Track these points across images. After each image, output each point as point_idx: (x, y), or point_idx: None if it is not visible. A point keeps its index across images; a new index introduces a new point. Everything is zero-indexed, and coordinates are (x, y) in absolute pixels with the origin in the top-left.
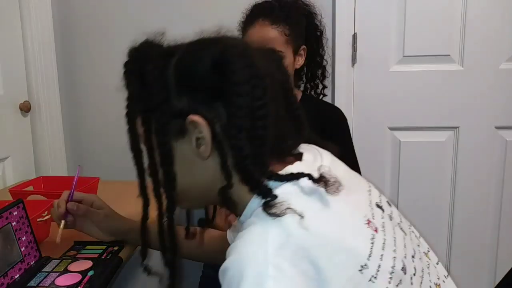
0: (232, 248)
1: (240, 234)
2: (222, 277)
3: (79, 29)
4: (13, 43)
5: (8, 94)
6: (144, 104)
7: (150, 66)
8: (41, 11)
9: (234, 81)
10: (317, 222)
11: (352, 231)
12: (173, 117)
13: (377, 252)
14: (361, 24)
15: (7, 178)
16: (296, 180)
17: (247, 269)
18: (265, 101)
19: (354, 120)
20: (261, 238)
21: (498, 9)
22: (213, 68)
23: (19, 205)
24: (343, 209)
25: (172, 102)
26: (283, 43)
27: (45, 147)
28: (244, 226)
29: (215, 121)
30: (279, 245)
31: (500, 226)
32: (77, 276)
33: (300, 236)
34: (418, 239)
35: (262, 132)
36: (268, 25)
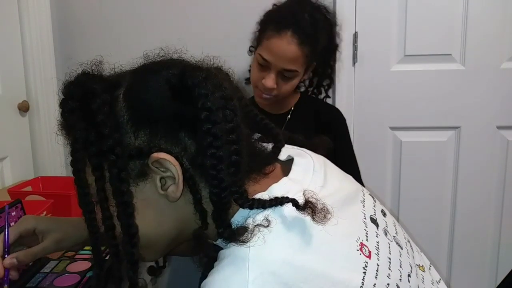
0: (208, 283)
1: (215, 269)
2: None
3: (77, 29)
4: (12, 43)
5: (7, 94)
6: (93, 149)
7: (96, 102)
8: (39, 10)
9: (205, 107)
10: (302, 257)
11: (342, 262)
12: (131, 159)
13: (369, 281)
14: (362, 23)
15: (5, 178)
16: (280, 205)
17: None
18: (237, 123)
19: (355, 119)
20: (240, 277)
21: (499, 9)
22: (173, 94)
23: (17, 205)
24: (331, 240)
25: (128, 141)
26: (301, 63)
27: (44, 147)
28: (220, 256)
29: (183, 155)
30: (261, 283)
31: (501, 226)
32: (75, 277)
33: (283, 272)
34: (411, 247)
35: (237, 157)
36: (296, 44)
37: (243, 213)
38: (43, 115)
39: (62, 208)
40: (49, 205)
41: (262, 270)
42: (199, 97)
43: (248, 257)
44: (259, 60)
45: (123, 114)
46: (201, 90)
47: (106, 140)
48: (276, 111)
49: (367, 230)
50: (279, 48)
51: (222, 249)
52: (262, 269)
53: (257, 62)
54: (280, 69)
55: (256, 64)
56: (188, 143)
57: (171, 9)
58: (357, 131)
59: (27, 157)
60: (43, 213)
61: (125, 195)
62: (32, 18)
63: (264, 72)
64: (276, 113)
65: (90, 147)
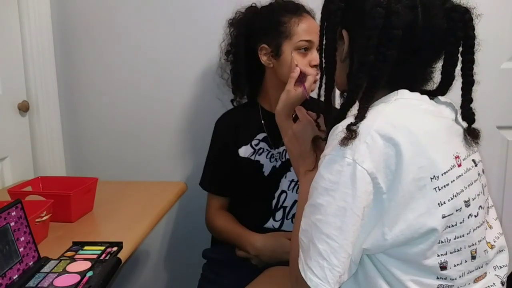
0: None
1: None
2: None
3: (78, 29)
4: (12, 43)
5: (7, 94)
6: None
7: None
8: (40, 10)
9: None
10: (417, 127)
11: (439, 150)
12: (337, 26)
13: (451, 176)
14: None
15: (5, 178)
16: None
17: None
18: (398, 32)
19: None
20: (374, 115)
21: (499, 9)
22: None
23: (17, 205)
24: (442, 135)
25: (339, 18)
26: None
27: (44, 147)
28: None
29: (353, 39)
30: (381, 126)
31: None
32: (75, 277)
33: (399, 129)
34: (488, 201)
35: (384, 56)
36: (312, 19)
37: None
38: (43, 115)
39: (62, 208)
40: (49, 205)
41: (386, 120)
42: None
43: (384, 110)
44: (302, 45)
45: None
46: (395, 5)
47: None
48: None
49: (466, 157)
50: (312, 25)
51: None
52: (386, 119)
53: (297, 51)
54: (317, 44)
55: (297, 54)
56: (357, 34)
57: (171, 9)
58: None
59: (27, 157)
60: (43, 213)
61: (332, 44)
62: (32, 18)
63: (306, 56)
64: None
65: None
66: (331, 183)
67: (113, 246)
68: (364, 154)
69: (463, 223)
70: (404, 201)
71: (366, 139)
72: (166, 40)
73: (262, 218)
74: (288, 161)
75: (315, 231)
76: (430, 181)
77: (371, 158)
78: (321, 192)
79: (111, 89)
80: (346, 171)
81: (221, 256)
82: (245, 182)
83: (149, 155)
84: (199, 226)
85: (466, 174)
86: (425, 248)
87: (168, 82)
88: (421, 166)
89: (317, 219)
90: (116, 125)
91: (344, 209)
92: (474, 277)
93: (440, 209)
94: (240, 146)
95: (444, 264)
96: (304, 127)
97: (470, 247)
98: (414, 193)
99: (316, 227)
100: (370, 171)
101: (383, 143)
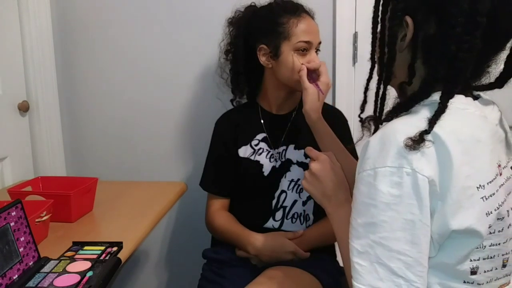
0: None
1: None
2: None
3: (77, 29)
4: (12, 43)
5: (7, 94)
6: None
7: None
8: (39, 10)
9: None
10: (466, 134)
11: (486, 158)
12: (402, 12)
13: (496, 185)
14: (362, 23)
15: (5, 178)
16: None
17: (408, 127)
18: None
19: (355, 120)
20: (424, 117)
21: None
22: None
23: (17, 206)
24: (488, 142)
25: (404, 3)
26: None
27: (44, 147)
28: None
29: (421, 29)
30: (433, 133)
31: None
32: (75, 277)
33: (449, 136)
34: None
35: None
36: (312, 19)
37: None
38: (43, 115)
39: (62, 208)
40: (49, 205)
41: (438, 126)
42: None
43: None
44: (301, 46)
45: None
46: None
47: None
48: (281, 112)
49: (506, 165)
50: (311, 26)
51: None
52: (438, 126)
53: (296, 52)
54: (316, 45)
55: (296, 55)
56: (431, 25)
57: (171, 9)
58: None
59: (27, 157)
60: (43, 213)
61: (393, 31)
62: (32, 18)
63: (305, 57)
64: (281, 113)
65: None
66: (393, 197)
67: (113, 246)
68: (421, 161)
69: (501, 232)
70: (452, 210)
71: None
72: (166, 40)
73: (262, 218)
74: (287, 161)
75: (381, 251)
76: (477, 190)
77: (428, 165)
78: (382, 208)
79: (110, 89)
80: (407, 181)
81: (221, 256)
82: (244, 182)
83: (149, 155)
84: (199, 226)
85: (506, 183)
86: (464, 254)
87: (168, 82)
88: (468, 175)
89: (382, 237)
90: (116, 125)
91: (412, 221)
92: (499, 284)
93: (488, 219)
94: (239, 146)
95: (475, 270)
96: (322, 165)
97: (503, 256)
98: (462, 202)
99: (382, 246)
100: (430, 178)
101: (435, 150)
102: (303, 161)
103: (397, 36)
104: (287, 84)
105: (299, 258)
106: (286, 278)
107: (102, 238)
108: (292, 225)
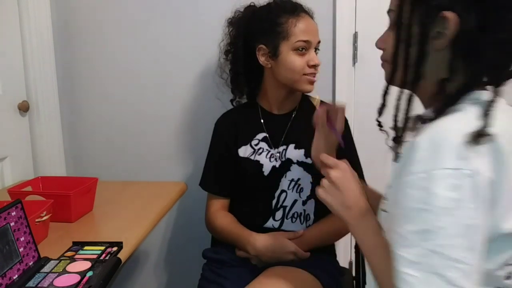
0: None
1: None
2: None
3: (77, 29)
4: (12, 43)
5: (7, 94)
6: None
7: None
8: (39, 10)
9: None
10: (510, 132)
11: None
12: (437, 9)
13: None
14: (362, 23)
15: (5, 178)
16: None
17: (460, 126)
18: None
19: (355, 120)
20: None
21: None
22: None
23: (17, 206)
24: None
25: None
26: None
27: (44, 147)
28: (446, 113)
29: (465, 23)
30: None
31: None
32: (75, 277)
33: (503, 136)
34: None
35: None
36: (311, 19)
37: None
38: (43, 115)
39: (62, 208)
40: (49, 205)
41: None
42: None
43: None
44: (299, 46)
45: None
46: None
47: None
48: (281, 112)
49: None
50: (309, 25)
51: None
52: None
53: (295, 51)
54: (315, 44)
55: (295, 55)
56: (473, 18)
57: (170, 8)
58: (357, 131)
59: (27, 157)
60: (43, 213)
61: (426, 28)
62: (32, 18)
63: (304, 56)
64: (281, 113)
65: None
66: (451, 201)
67: (113, 246)
68: (480, 161)
69: None
70: (504, 213)
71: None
72: (166, 40)
73: (262, 217)
74: (288, 160)
75: (437, 260)
76: None
77: (487, 165)
78: (439, 213)
79: (110, 89)
80: (466, 184)
81: (221, 256)
82: (245, 182)
83: (149, 155)
84: (199, 226)
85: None
86: (506, 258)
87: (168, 82)
88: None
89: (438, 245)
90: (116, 125)
91: (472, 226)
92: None
93: None
94: (239, 146)
95: (510, 275)
96: (343, 173)
97: None
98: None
99: (438, 254)
100: (490, 179)
101: (490, 149)
102: (303, 160)
103: (430, 35)
104: (286, 84)
105: (299, 258)
106: (286, 278)
107: (102, 238)
108: (292, 224)
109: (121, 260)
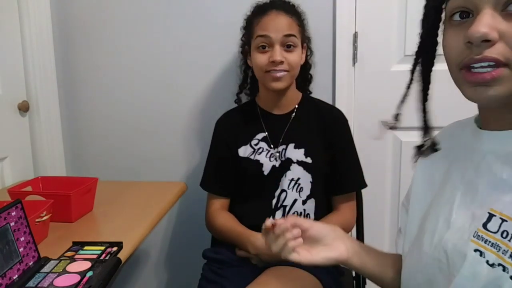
0: None
1: None
2: None
3: (78, 29)
4: (12, 43)
5: (7, 94)
6: None
7: None
8: (40, 10)
9: None
10: None
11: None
12: None
13: None
14: (361, 23)
15: (5, 178)
16: None
17: None
18: None
19: (354, 119)
20: None
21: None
22: None
23: (17, 206)
24: None
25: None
26: (297, 31)
27: (44, 147)
28: None
29: None
30: None
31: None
32: (75, 277)
33: None
34: None
35: None
36: (283, 14)
37: None
38: (43, 115)
39: (62, 208)
40: (49, 205)
41: None
42: None
43: None
44: (259, 42)
45: None
46: None
47: None
48: (279, 112)
49: None
50: (272, 21)
51: None
52: None
53: (257, 48)
54: (280, 39)
55: (257, 51)
56: None
57: (170, 9)
58: (357, 131)
59: (27, 157)
60: (43, 213)
61: None
62: (32, 18)
63: (267, 53)
64: (280, 113)
65: None
66: None
67: (113, 246)
68: None
69: None
70: None
71: None
72: (166, 41)
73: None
74: (287, 160)
75: None
76: None
77: None
78: None
79: (110, 90)
80: None
81: (221, 256)
82: (245, 181)
83: (149, 155)
84: (199, 226)
85: None
86: None
87: (167, 82)
88: None
89: None
90: (116, 125)
91: None
92: None
93: None
94: (239, 146)
95: None
96: None
97: None
98: None
99: None
100: None
101: None
102: (303, 160)
103: (435, 33)
104: (260, 82)
105: None
106: (287, 278)
107: (102, 238)
108: None
109: (121, 260)
